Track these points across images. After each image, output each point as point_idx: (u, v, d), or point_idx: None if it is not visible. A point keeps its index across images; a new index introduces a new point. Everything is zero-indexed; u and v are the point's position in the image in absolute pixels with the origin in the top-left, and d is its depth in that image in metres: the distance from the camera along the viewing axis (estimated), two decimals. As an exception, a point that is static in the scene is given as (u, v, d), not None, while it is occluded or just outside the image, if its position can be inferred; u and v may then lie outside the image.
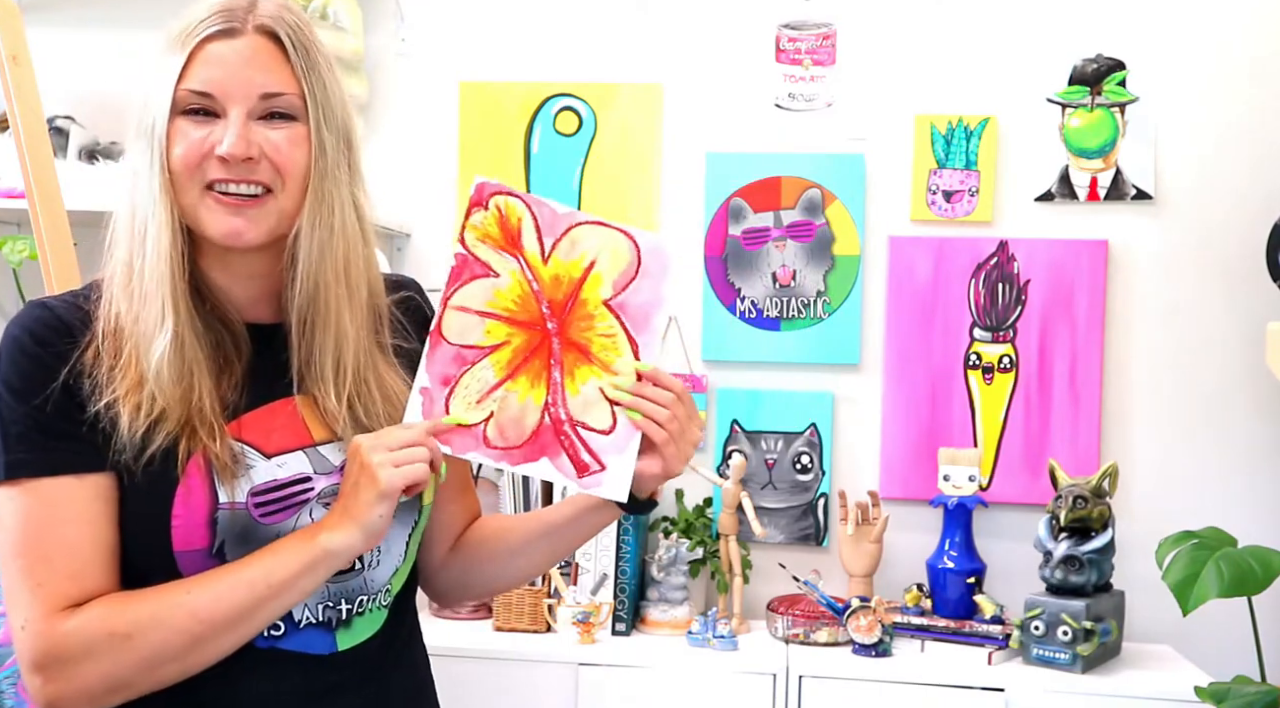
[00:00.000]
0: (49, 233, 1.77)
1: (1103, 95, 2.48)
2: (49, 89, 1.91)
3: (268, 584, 1.05)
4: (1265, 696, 1.92)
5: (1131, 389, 2.48)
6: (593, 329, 1.19)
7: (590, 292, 1.19)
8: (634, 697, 2.19)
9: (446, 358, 1.17)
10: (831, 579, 2.44)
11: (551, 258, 1.19)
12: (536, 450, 1.17)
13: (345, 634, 1.15)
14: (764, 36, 2.58)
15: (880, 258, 2.55)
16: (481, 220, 1.18)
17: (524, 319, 1.18)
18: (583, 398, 1.18)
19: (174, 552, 1.06)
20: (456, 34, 2.66)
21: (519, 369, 1.18)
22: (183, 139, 1.08)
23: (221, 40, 1.08)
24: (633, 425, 1.18)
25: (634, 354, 1.19)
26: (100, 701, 1.04)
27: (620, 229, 1.20)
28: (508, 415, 1.17)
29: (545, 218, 1.19)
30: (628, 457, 1.18)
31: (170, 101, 1.07)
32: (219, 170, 1.08)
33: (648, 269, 1.20)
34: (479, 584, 1.35)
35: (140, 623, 1.03)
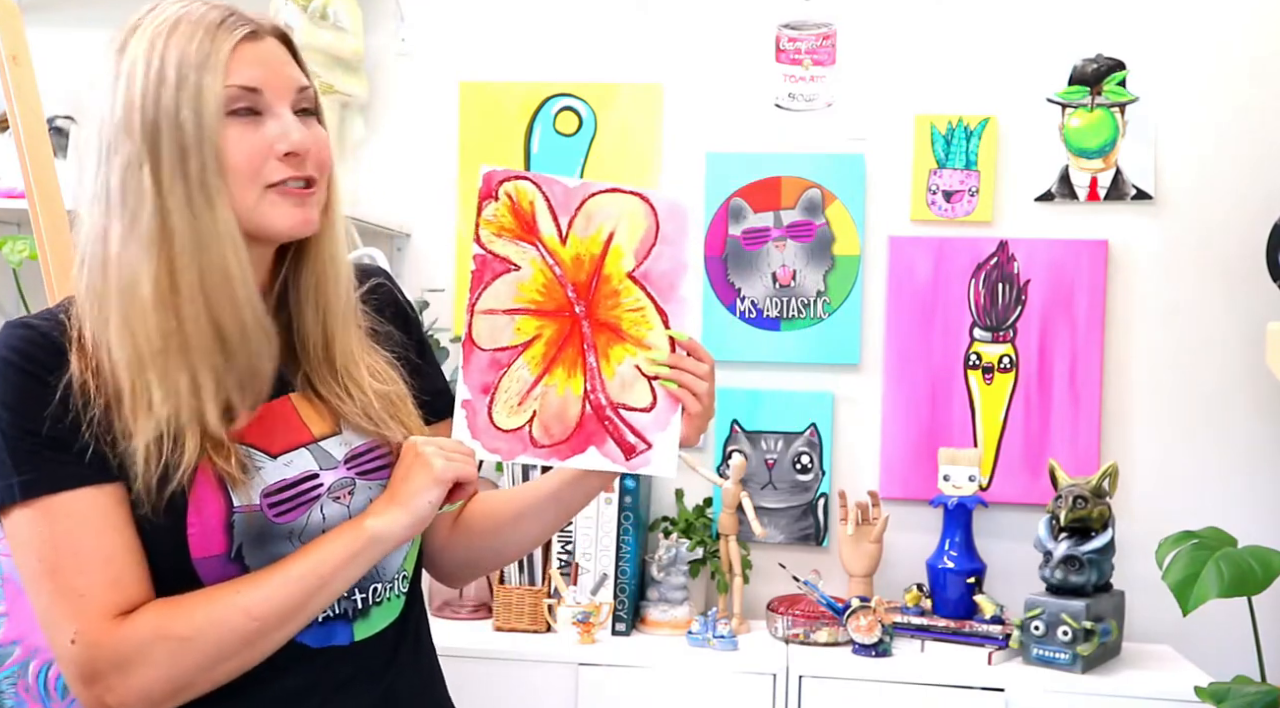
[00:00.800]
0: (49, 233, 1.77)
1: (1103, 95, 2.48)
2: (49, 89, 1.91)
3: (318, 576, 1.06)
4: (1265, 696, 1.92)
5: (1131, 389, 2.48)
6: (620, 305, 1.18)
7: (613, 266, 1.18)
8: (634, 697, 2.19)
9: (482, 365, 1.16)
10: (831, 579, 2.44)
11: (570, 237, 1.18)
12: (583, 441, 1.17)
13: (363, 624, 1.16)
14: (764, 36, 2.58)
15: (880, 258, 2.55)
16: (494, 212, 1.17)
17: (551, 308, 1.18)
18: (620, 379, 1.18)
19: (192, 560, 1.06)
20: (456, 34, 2.66)
21: (554, 361, 1.17)
22: (241, 141, 1.06)
23: (253, 41, 1.09)
24: (671, 398, 1.17)
25: (664, 324, 1.18)
26: (159, 704, 1.04)
27: (634, 192, 1.19)
28: (550, 412, 1.17)
29: (557, 195, 1.18)
30: (672, 431, 1.18)
31: (220, 102, 1.05)
32: (284, 169, 1.08)
33: (666, 234, 1.19)
34: (485, 558, 1.35)
35: (197, 625, 1.03)
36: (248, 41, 1.08)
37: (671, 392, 1.18)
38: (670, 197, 1.19)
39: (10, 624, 1.58)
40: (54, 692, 1.60)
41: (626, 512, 2.36)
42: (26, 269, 2.38)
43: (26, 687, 1.57)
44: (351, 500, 1.14)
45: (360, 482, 1.15)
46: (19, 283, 2.47)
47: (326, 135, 1.14)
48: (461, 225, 2.64)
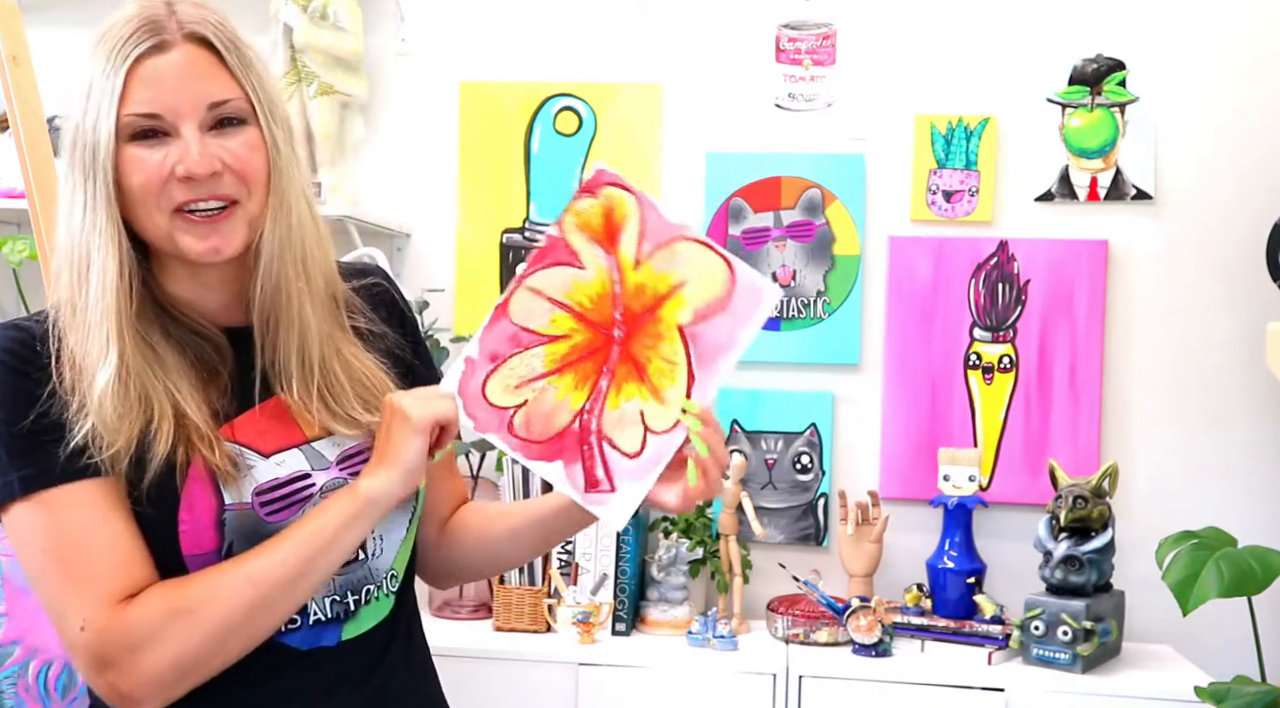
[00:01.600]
0: (49, 233, 1.77)
1: (1103, 95, 2.48)
2: (49, 89, 1.91)
3: (319, 540, 1.06)
4: (1265, 696, 1.92)
5: (1131, 389, 2.48)
6: (657, 350, 1.14)
7: (669, 312, 1.14)
8: (634, 697, 2.19)
9: (503, 335, 1.14)
10: (831, 579, 2.44)
11: (644, 266, 1.14)
12: (554, 452, 1.14)
13: (351, 624, 1.15)
14: (764, 36, 2.58)
15: (880, 258, 2.55)
16: (587, 207, 1.14)
17: (594, 319, 1.15)
18: (619, 414, 1.14)
19: (184, 556, 1.07)
20: (456, 34, 2.66)
21: (570, 367, 1.15)
22: (139, 167, 1.05)
23: (155, 56, 1.05)
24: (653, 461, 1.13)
25: (687, 391, 1.13)
26: (173, 687, 1.04)
27: (724, 256, 1.14)
28: (539, 409, 1.14)
29: (652, 222, 1.14)
30: (642, 486, 1.13)
31: (114, 129, 1.05)
32: (185, 192, 1.06)
33: (735, 308, 1.14)
34: (470, 567, 1.35)
35: (201, 597, 1.03)
36: (150, 57, 1.05)
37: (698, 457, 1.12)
38: (758, 277, 1.15)
39: (10, 624, 1.58)
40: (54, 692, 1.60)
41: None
42: (26, 269, 2.38)
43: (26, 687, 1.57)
44: None
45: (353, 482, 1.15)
46: (19, 283, 2.48)
47: (260, 141, 1.09)
48: (461, 225, 2.64)
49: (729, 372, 1.14)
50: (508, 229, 2.63)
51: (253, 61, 1.11)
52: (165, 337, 1.11)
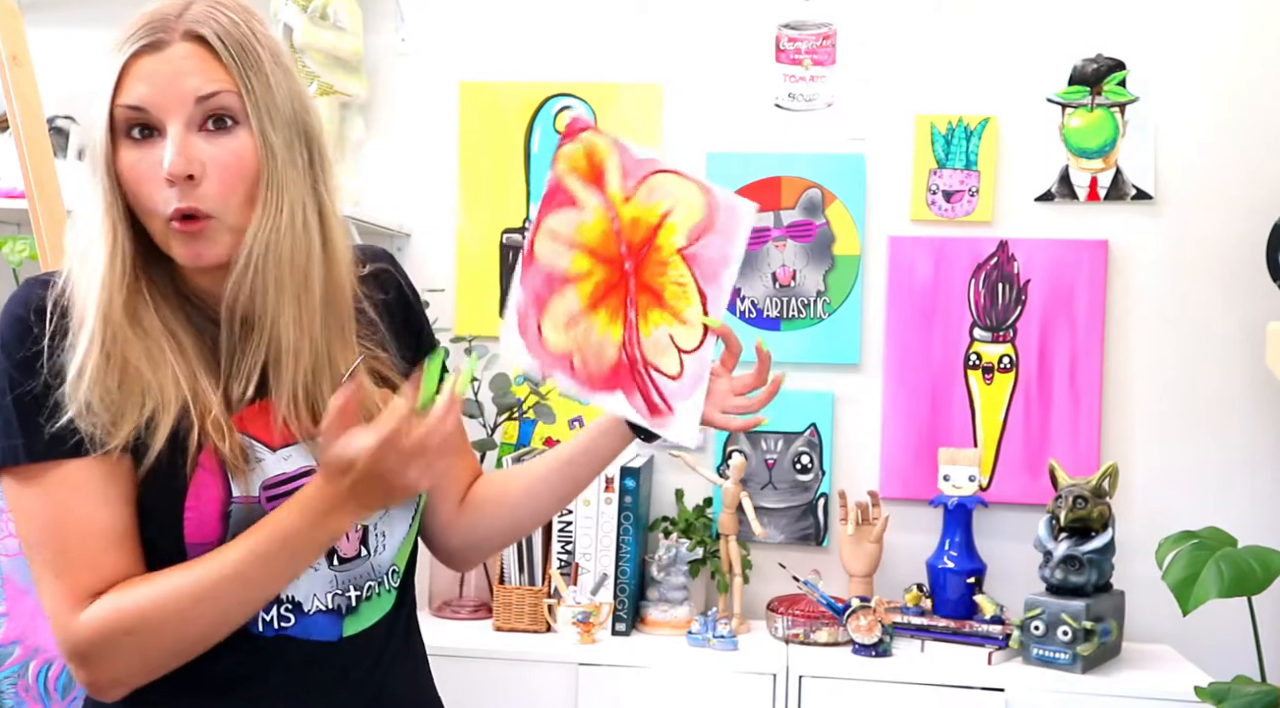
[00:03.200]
0: (49, 233, 1.77)
1: (1103, 95, 2.48)
2: (49, 89, 1.91)
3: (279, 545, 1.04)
4: (1265, 696, 1.92)
5: (1131, 389, 2.48)
6: (666, 275, 1.22)
7: (665, 238, 1.22)
8: (634, 697, 2.19)
9: (539, 278, 1.21)
10: (831, 579, 2.44)
11: (631, 200, 1.22)
12: (614, 383, 1.21)
13: (352, 620, 1.15)
14: (764, 36, 2.58)
15: (880, 258, 2.55)
16: (570, 151, 1.21)
17: (604, 255, 1.21)
18: (654, 341, 1.22)
19: (185, 544, 1.07)
20: (456, 34, 2.66)
21: (599, 303, 1.21)
22: (133, 167, 1.06)
23: (150, 54, 1.05)
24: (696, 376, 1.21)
25: (702, 306, 1.22)
26: (140, 680, 1.06)
27: (696, 181, 1.23)
28: (590, 348, 1.21)
29: (629, 161, 1.22)
30: (694, 403, 1.22)
31: (107, 123, 1.06)
32: (169, 197, 1.05)
33: (719, 225, 1.22)
34: (491, 537, 1.34)
35: (155, 605, 1.03)
36: (146, 53, 1.05)
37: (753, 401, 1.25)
38: (730, 194, 1.23)
39: (10, 624, 1.58)
40: (54, 692, 1.60)
41: (626, 512, 2.36)
42: (26, 269, 2.38)
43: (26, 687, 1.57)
44: None
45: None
46: (19, 283, 2.47)
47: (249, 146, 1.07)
48: (461, 225, 2.64)
49: (730, 285, 1.23)
50: (508, 229, 2.63)
51: (261, 62, 1.08)
52: (186, 323, 1.11)
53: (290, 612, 1.12)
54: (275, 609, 1.11)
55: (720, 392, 1.28)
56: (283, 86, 1.09)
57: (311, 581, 1.12)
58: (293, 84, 1.11)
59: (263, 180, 1.07)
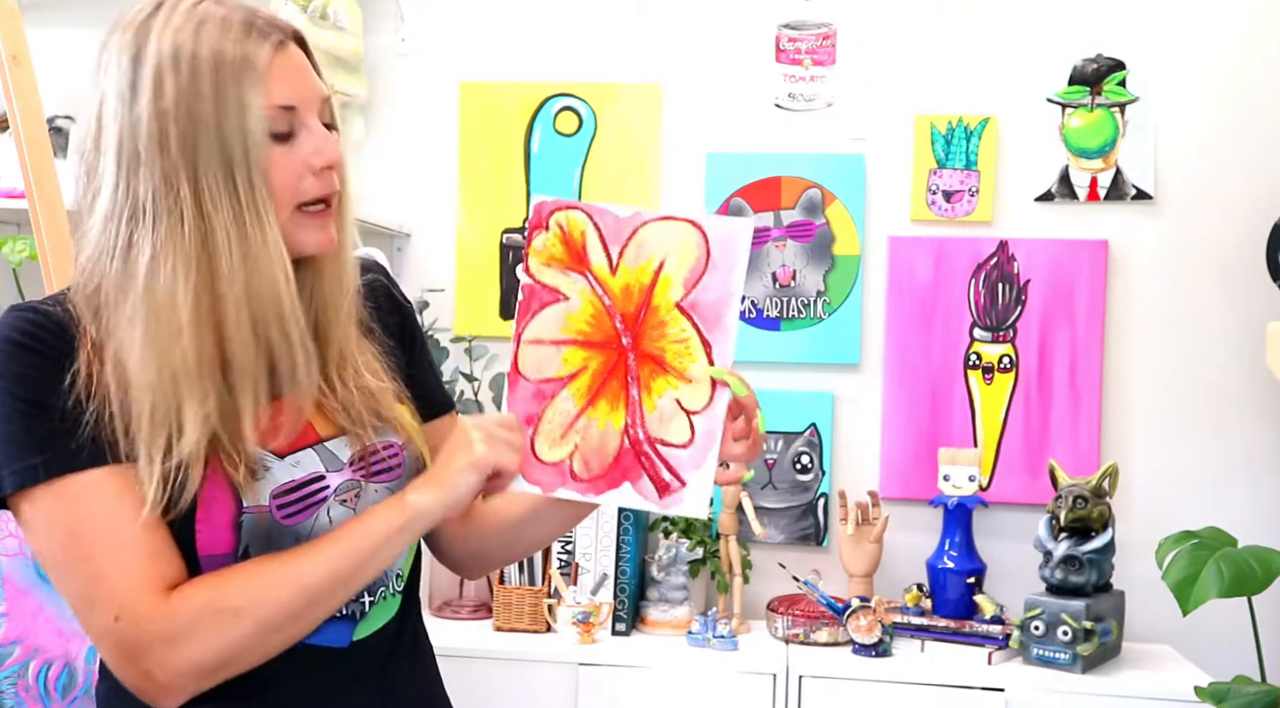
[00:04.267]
0: (49, 233, 1.77)
1: (1103, 95, 2.48)
2: (49, 89, 1.91)
3: (367, 549, 1.06)
4: (1265, 696, 1.92)
5: (1131, 389, 2.48)
6: (665, 337, 1.15)
7: (661, 297, 1.15)
8: (634, 697, 2.19)
9: (527, 396, 1.15)
10: (831, 579, 2.44)
11: (620, 267, 1.15)
12: (619, 476, 1.14)
13: (363, 623, 1.16)
14: (764, 36, 2.58)
15: (880, 258, 2.55)
16: (544, 243, 1.15)
17: (599, 339, 1.15)
18: (659, 413, 1.14)
19: (199, 557, 1.06)
20: (456, 34, 2.66)
21: (598, 394, 1.15)
22: (283, 163, 1.05)
23: (281, 54, 1.05)
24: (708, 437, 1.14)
25: (708, 357, 1.15)
26: (208, 678, 1.03)
27: (687, 220, 1.15)
28: (590, 446, 1.15)
29: (609, 225, 1.15)
30: (707, 470, 1.14)
31: (264, 123, 1.03)
32: (317, 185, 1.07)
33: (716, 262, 1.14)
34: (493, 553, 1.34)
35: (246, 596, 1.02)
36: (279, 51, 1.05)
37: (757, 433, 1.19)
38: (724, 222, 1.15)
39: (10, 624, 1.58)
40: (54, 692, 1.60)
41: (626, 512, 2.36)
42: (26, 269, 2.38)
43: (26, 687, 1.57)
44: (358, 503, 1.14)
45: (367, 484, 1.14)
46: (19, 283, 2.47)
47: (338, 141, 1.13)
48: (461, 225, 2.64)
49: (736, 322, 1.15)
50: (508, 229, 2.63)
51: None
52: None
53: None
54: None
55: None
56: None
57: None
58: None
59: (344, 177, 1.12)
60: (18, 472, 1.02)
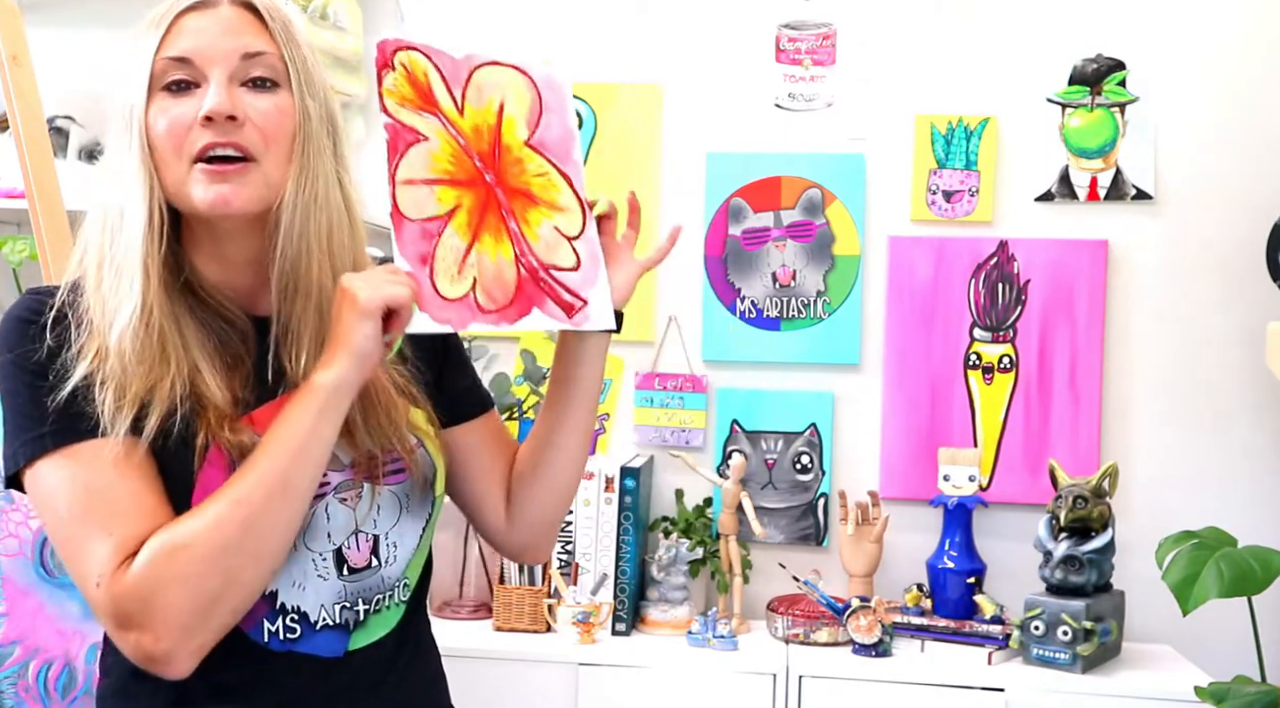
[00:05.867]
0: (49, 233, 1.77)
1: (1103, 95, 2.48)
2: (49, 89, 1.91)
3: (295, 440, 1.03)
4: (1265, 696, 1.92)
5: (1131, 389, 2.48)
6: (526, 172, 1.20)
7: (509, 136, 1.20)
8: (634, 697, 2.19)
9: (414, 236, 1.13)
10: (831, 579, 2.44)
11: (465, 108, 1.18)
12: (525, 303, 1.18)
13: (360, 633, 1.15)
14: (764, 36, 2.58)
15: (880, 258, 2.55)
16: (394, 82, 1.14)
17: (464, 178, 1.17)
18: (543, 242, 1.20)
19: None
20: (456, 34, 2.66)
21: (480, 228, 1.17)
22: (163, 113, 1.07)
23: (197, 13, 1.08)
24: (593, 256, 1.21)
25: (569, 186, 1.22)
26: (196, 631, 1.01)
27: (513, 65, 1.21)
28: (488, 277, 1.16)
29: (448, 67, 1.17)
30: (601, 285, 1.22)
31: (148, 75, 1.06)
32: (203, 135, 1.06)
33: (549, 103, 1.22)
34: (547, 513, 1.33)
35: (191, 530, 1.01)
36: (194, 12, 1.08)
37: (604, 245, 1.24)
38: (545, 69, 1.22)
39: (10, 624, 1.58)
40: (54, 692, 1.60)
41: (626, 512, 2.36)
42: (26, 269, 2.38)
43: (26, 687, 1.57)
44: (358, 504, 1.14)
45: (368, 486, 1.14)
46: (19, 283, 2.47)
47: (290, 107, 1.10)
48: (461, 225, 2.64)
49: (580, 157, 1.24)
50: (508, 229, 2.63)
51: (297, 38, 1.13)
52: (190, 316, 1.10)
53: (297, 623, 1.11)
54: (281, 620, 1.10)
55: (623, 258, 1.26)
56: (318, 70, 1.15)
57: (320, 591, 1.11)
58: (324, 77, 1.16)
59: (299, 141, 1.10)
60: (28, 442, 1.04)
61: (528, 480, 1.31)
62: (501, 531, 1.33)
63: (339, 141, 1.16)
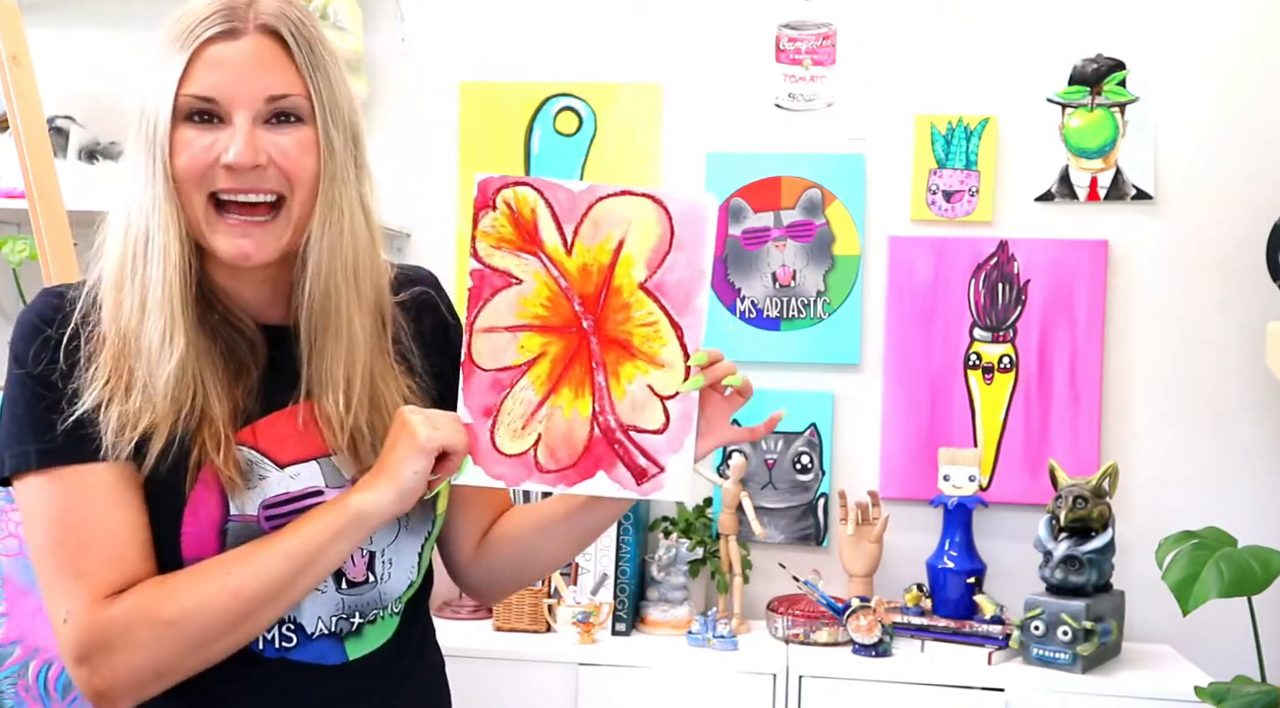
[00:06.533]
0: (49, 233, 1.77)
1: (1103, 95, 2.48)
2: (49, 89, 1.91)
3: (305, 553, 1.03)
4: (1265, 696, 1.92)
5: (1131, 389, 2.48)
6: (631, 320, 1.09)
7: (623, 277, 1.09)
8: (634, 697, 2.19)
9: (483, 387, 1.09)
10: (831, 579, 2.44)
11: (575, 246, 1.09)
12: (591, 466, 1.10)
13: (355, 643, 1.14)
14: (764, 36, 2.58)
15: (880, 258, 2.55)
16: (492, 223, 1.09)
17: (557, 323, 1.09)
18: (630, 399, 1.10)
19: (183, 559, 1.06)
20: (456, 34, 2.66)
21: (561, 380, 1.09)
22: (186, 147, 1.04)
23: (223, 41, 1.04)
24: (685, 419, 1.10)
25: (679, 339, 1.10)
26: (147, 687, 1.03)
27: (646, 194, 1.09)
28: (556, 434, 1.10)
29: (561, 201, 1.09)
30: (685, 453, 1.11)
31: (172, 107, 1.04)
32: (226, 179, 1.05)
33: (681, 240, 1.09)
34: (507, 576, 1.30)
35: (183, 608, 1.01)
36: (219, 41, 1.04)
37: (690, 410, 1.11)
38: (686, 196, 1.09)
39: (10, 624, 1.58)
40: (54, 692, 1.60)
41: (626, 512, 2.36)
42: (26, 269, 2.38)
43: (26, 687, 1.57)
44: None
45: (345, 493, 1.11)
46: (19, 283, 2.47)
47: (314, 142, 1.07)
48: (462, 225, 2.64)
49: (706, 303, 1.11)
50: (508, 229, 2.63)
51: (324, 62, 1.09)
52: (200, 324, 1.09)
53: (292, 632, 1.10)
54: (277, 630, 1.10)
55: (715, 426, 1.16)
56: (343, 87, 1.11)
57: (317, 603, 1.11)
58: (349, 89, 1.12)
59: (324, 178, 1.08)
60: (15, 456, 1.04)
61: (512, 549, 1.27)
62: (462, 564, 1.30)
63: (362, 158, 1.13)
